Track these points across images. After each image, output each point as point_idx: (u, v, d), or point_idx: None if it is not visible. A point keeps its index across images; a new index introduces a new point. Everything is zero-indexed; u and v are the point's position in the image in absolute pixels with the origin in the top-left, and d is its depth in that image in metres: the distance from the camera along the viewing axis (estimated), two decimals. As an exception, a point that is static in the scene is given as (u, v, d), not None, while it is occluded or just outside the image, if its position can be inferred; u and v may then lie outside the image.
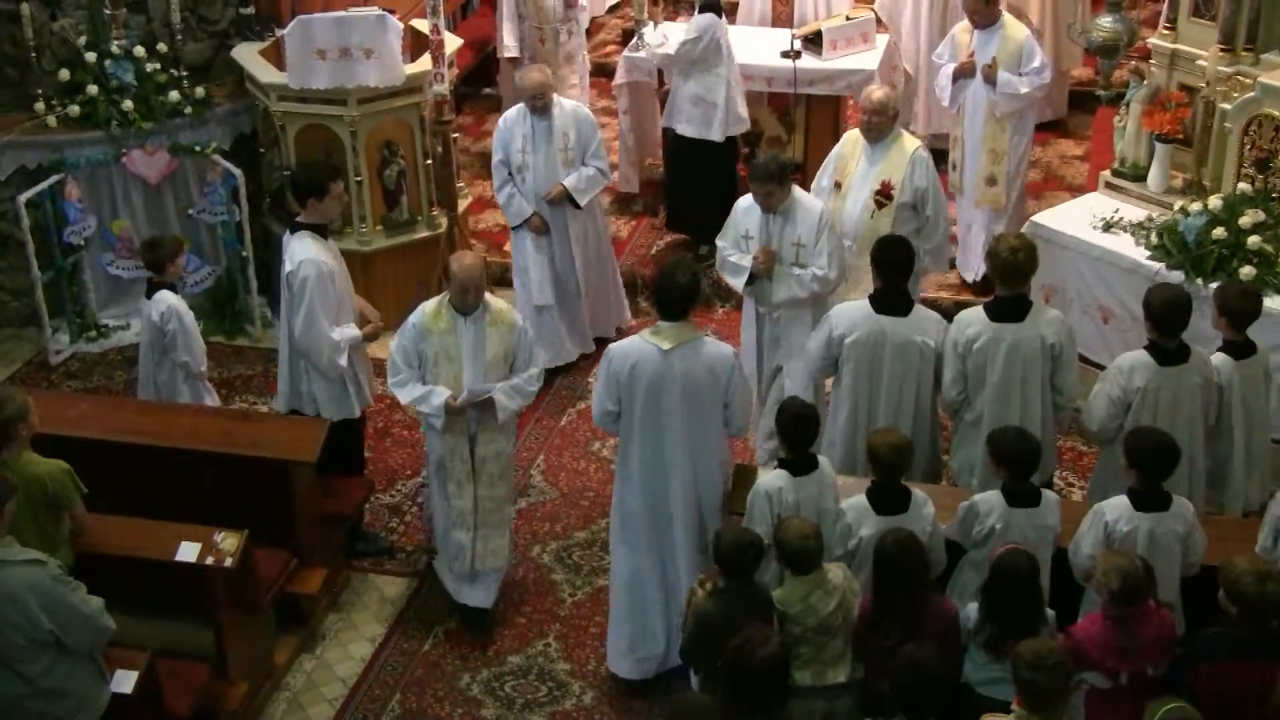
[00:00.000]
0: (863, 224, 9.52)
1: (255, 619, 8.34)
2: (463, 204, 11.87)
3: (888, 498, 7.42)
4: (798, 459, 7.62)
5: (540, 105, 10.38)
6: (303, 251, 8.75)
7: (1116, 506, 7.26)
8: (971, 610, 6.87)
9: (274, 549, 8.44)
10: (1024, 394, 8.28)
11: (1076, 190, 11.97)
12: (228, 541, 7.88)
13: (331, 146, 11.02)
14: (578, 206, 10.59)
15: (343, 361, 8.88)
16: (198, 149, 11.31)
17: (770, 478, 7.62)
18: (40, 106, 11.14)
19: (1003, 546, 6.88)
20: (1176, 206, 9.92)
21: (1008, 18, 10.89)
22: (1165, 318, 8.09)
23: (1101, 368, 8.74)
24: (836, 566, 7.12)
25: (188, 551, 7.87)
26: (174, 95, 11.27)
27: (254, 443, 8.64)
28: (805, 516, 7.33)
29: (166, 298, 9.05)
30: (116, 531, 7.94)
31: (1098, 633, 6.74)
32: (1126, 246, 9.93)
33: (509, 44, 12.58)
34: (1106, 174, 10.61)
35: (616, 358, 7.96)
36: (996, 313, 8.27)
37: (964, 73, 10.90)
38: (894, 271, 8.40)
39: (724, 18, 11.47)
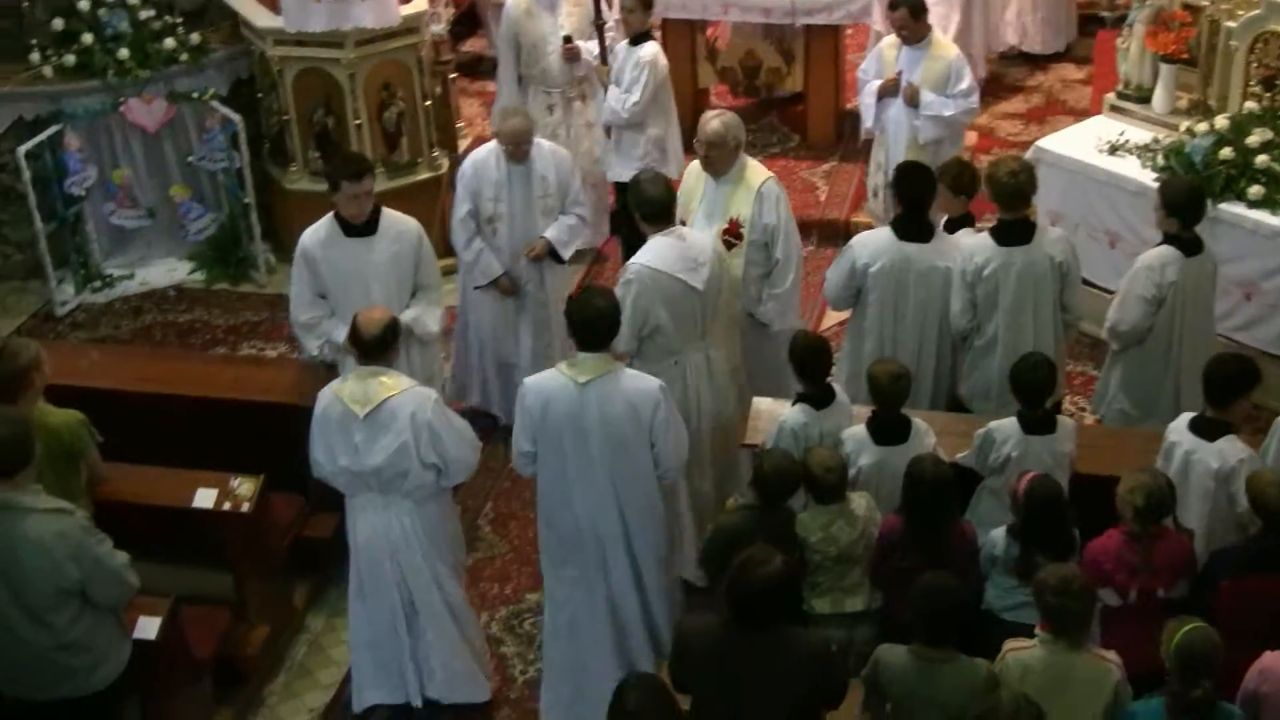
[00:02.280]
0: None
1: (273, 563, 8.35)
2: (463, 144, 11.84)
3: (887, 427, 7.42)
4: (817, 392, 7.62)
5: (521, 154, 9.19)
6: (309, 230, 8.53)
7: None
8: (996, 536, 6.88)
9: (288, 493, 8.43)
10: (1036, 316, 8.27)
11: (1080, 114, 11.93)
12: (244, 486, 7.90)
13: (330, 90, 10.95)
14: (561, 261, 9.46)
15: (310, 349, 8.60)
16: (195, 96, 11.23)
17: (794, 413, 7.61)
18: (35, 57, 11.04)
19: (1026, 474, 6.87)
20: (1183, 127, 9.88)
21: (937, 35, 10.34)
22: (1191, 207, 8.24)
23: (1109, 292, 8.73)
24: (860, 496, 7.13)
25: (204, 498, 7.90)
26: (170, 42, 11.18)
27: (265, 388, 8.64)
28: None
29: None
30: (133, 480, 7.95)
31: (1114, 548, 6.75)
32: (1133, 169, 9.90)
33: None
34: (1111, 97, 10.57)
35: (530, 393, 7.22)
36: (1003, 237, 8.25)
37: (888, 91, 10.24)
38: (915, 199, 8.36)
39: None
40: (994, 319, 8.28)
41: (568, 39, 10.73)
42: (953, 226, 8.62)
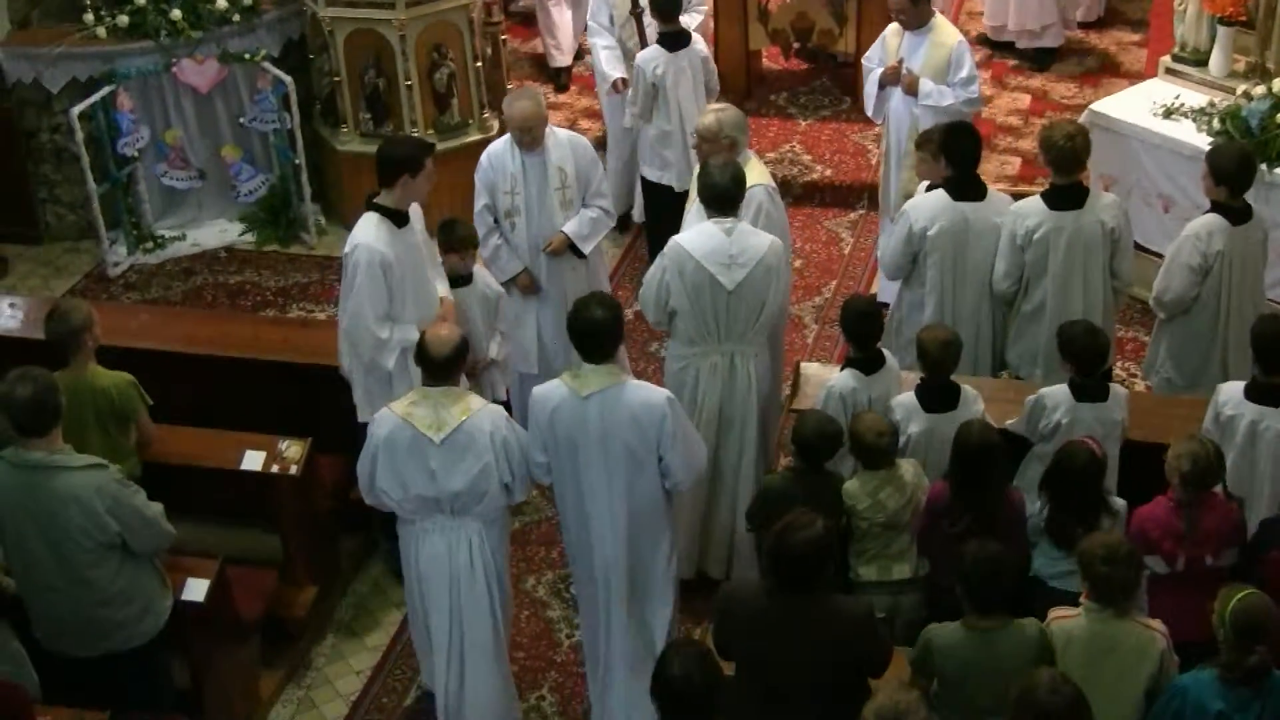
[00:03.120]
0: None
1: (321, 525, 8.39)
2: (513, 106, 11.78)
3: (936, 394, 7.39)
4: (866, 357, 7.59)
5: (530, 140, 8.65)
6: (364, 234, 7.78)
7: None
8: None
9: (335, 455, 8.44)
10: (1085, 281, 8.20)
11: (1134, 78, 11.78)
12: (292, 449, 7.94)
13: (381, 51, 10.94)
14: (582, 256, 8.94)
15: (388, 363, 7.92)
16: (247, 57, 11.24)
17: (843, 378, 7.59)
18: (89, 18, 11.08)
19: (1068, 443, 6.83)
20: (1239, 91, 9.76)
21: (940, 20, 9.70)
22: (1240, 175, 8.12)
23: (1161, 257, 8.64)
24: (908, 463, 7.11)
25: (253, 460, 7.95)
26: (222, 3, 11.15)
27: (314, 350, 8.64)
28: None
29: None
30: (182, 441, 8.01)
31: (1161, 515, 6.72)
32: (1188, 133, 9.79)
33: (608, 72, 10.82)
34: (1166, 60, 10.42)
35: (538, 402, 6.98)
36: (1055, 201, 8.17)
37: (890, 79, 9.73)
38: (966, 158, 8.30)
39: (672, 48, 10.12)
40: (1042, 284, 8.21)
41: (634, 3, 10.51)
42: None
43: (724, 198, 7.78)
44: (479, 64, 11.28)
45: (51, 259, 11.64)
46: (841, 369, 7.69)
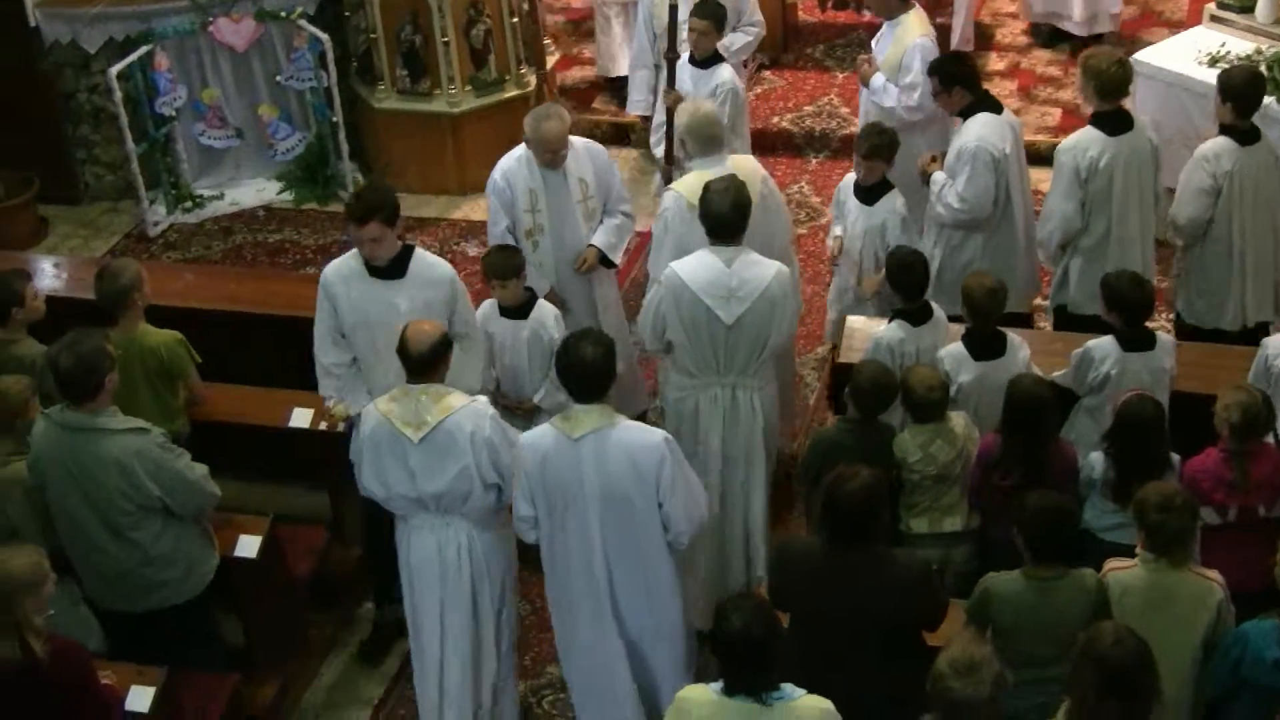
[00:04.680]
0: None
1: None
2: (550, 61, 11.77)
3: (983, 343, 7.36)
4: (913, 308, 7.57)
5: (559, 160, 8.22)
6: (334, 261, 7.48)
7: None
8: (1095, 459, 6.81)
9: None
10: (1141, 203, 8.28)
11: (1176, 26, 11.71)
12: (339, 406, 7.90)
13: (417, 7, 10.91)
14: (612, 265, 8.57)
15: (327, 392, 7.55)
16: (283, 15, 11.22)
17: (891, 329, 7.56)
18: (125, -23, 11.10)
19: (1128, 392, 6.79)
20: (1286, 37, 9.69)
21: (910, 17, 9.17)
22: (1247, 95, 8.14)
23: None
24: (959, 416, 7.08)
25: (300, 417, 7.96)
26: (257, -40, 11.20)
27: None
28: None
29: None
30: (230, 399, 8.03)
31: (1212, 466, 6.68)
32: (1233, 82, 9.71)
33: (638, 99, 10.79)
34: (1211, 7, 10.33)
35: (527, 451, 6.45)
36: (1111, 126, 8.20)
37: (860, 64, 9.44)
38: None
39: None
40: (1106, 213, 8.22)
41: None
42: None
43: (725, 225, 7.23)
44: (515, 20, 11.26)
45: (91, 219, 11.67)
46: (889, 320, 7.66)
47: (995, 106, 8.48)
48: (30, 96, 11.31)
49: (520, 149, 8.33)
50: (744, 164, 8.07)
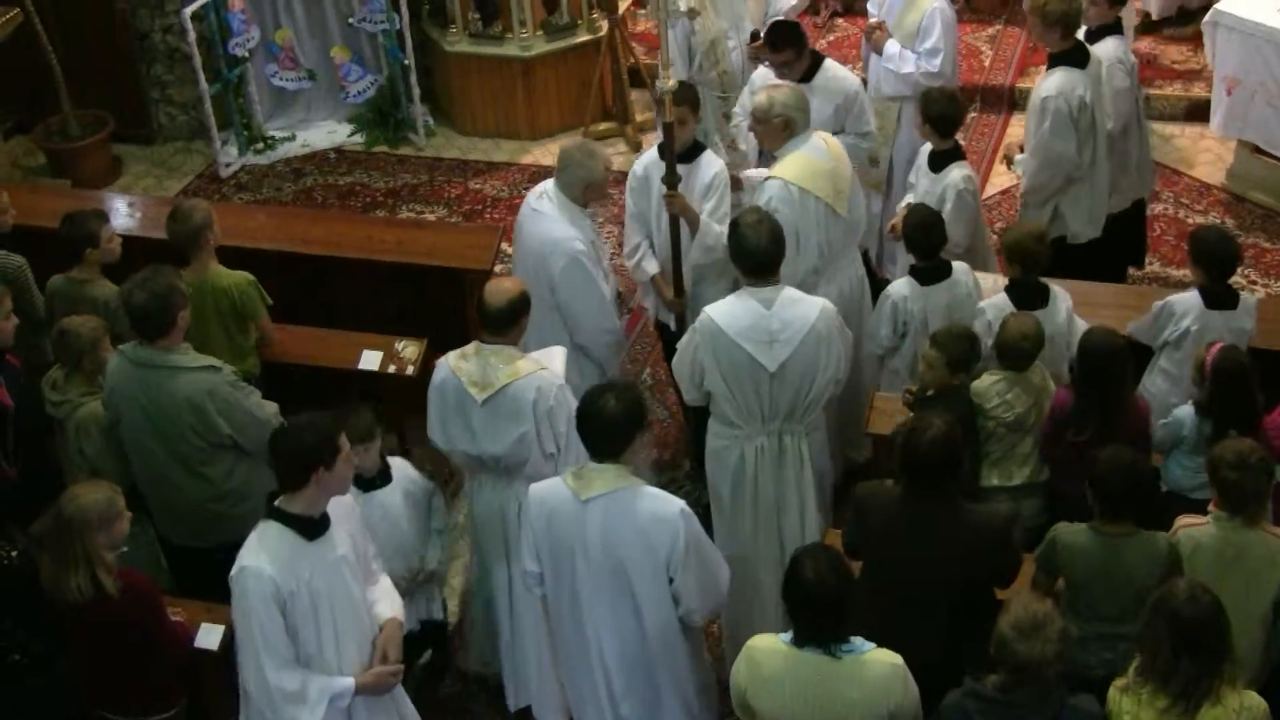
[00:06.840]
0: None
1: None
2: (622, 5, 11.70)
3: (1028, 292, 7.32)
4: (926, 266, 7.51)
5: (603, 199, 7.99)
6: (252, 554, 5.65)
7: None
8: (1184, 415, 6.73)
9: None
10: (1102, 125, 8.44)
11: (1258, -25, 11.48)
12: (409, 350, 7.97)
13: (489, -49, 10.91)
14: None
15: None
16: (357, -44, 11.24)
17: (899, 285, 7.57)
18: (200, -82, 11.11)
19: (1214, 345, 6.69)
20: (1374, -17, 9.50)
21: None
22: None
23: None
24: (1038, 366, 7.02)
25: (370, 360, 7.99)
26: (330, -98, 11.19)
27: (427, 251, 8.67)
28: (932, 325, 7.29)
29: None
30: (300, 341, 8.08)
31: (1289, 423, 6.61)
32: (1320, 32, 9.55)
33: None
34: (1293, -42, 10.15)
35: (534, 504, 5.99)
36: (1081, 60, 8.34)
37: (871, 31, 9.07)
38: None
39: None
40: (1091, 145, 8.34)
41: (754, 35, 9.22)
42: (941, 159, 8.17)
43: (764, 262, 6.71)
44: (588, -37, 11.21)
45: (164, 159, 11.73)
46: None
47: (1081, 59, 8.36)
48: (106, 37, 11.36)
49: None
50: (832, 139, 7.87)
